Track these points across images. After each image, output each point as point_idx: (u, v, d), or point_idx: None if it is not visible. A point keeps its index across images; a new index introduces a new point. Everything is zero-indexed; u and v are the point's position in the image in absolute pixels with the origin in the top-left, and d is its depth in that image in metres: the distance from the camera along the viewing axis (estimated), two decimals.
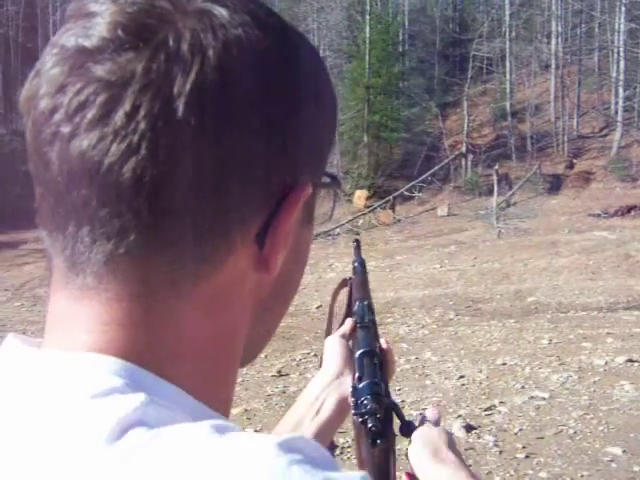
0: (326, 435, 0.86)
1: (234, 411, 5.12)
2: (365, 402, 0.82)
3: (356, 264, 1.10)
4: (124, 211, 0.39)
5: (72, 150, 0.39)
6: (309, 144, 0.46)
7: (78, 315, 0.41)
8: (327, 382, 0.90)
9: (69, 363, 0.40)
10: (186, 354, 0.42)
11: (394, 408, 0.85)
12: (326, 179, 0.51)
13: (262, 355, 6.54)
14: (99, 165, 0.38)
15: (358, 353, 0.91)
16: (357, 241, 1.17)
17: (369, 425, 0.79)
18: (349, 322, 0.98)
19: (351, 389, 0.85)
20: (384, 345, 0.96)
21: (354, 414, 0.81)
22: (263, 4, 0.45)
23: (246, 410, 5.10)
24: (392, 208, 19.49)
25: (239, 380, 5.74)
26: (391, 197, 19.76)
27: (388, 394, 0.87)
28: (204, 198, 0.40)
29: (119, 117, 0.38)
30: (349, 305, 1.04)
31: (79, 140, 0.38)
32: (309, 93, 0.46)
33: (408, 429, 0.85)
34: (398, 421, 0.85)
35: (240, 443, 0.36)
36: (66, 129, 0.39)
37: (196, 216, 0.40)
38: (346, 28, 28.54)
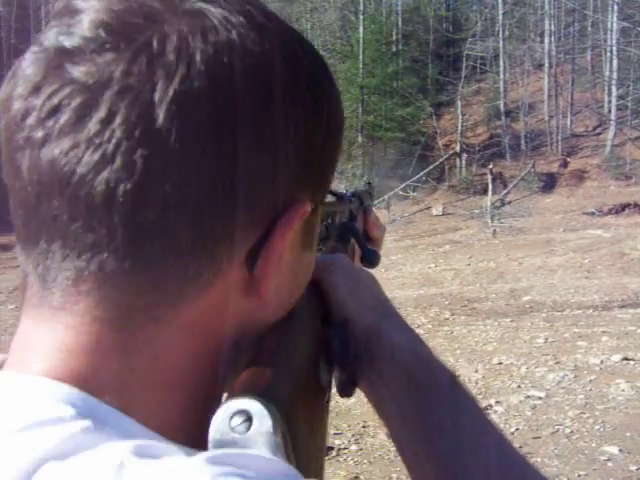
0: None
1: None
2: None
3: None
4: (96, 227, 0.35)
5: (43, 158, 0.35)
6: (307, 160, 0.42)
7: (40, 338, 0.37)
8: None
9: (14, 386, 0.36)
10: (160, 385, 0.39)
11: (353, 232, 0.70)
12: (330, 198, 0.47)
13: None
14: (70, 175, 0.35)
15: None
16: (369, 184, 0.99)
17: None
18: None
19: None
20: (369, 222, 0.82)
21: None
22: (262, 5, 0.42)
23: None
24: (387, 208, 19.48)
25: None
26: (386, 197, 19.75)
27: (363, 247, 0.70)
28: (185, 215, 0.36)
29: (93, 123, 0.35)
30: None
31: (50, 147, 0.35)
32: (309, 105, 0.42)
33: (371, 260, 0.71)
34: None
35: (162, 463, 0.32)
36: (38, 134, 0.35)
37: (177, 234, 0.36)
38: (340, 28, 28.53)
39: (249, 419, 0.36)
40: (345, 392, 0.54)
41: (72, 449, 0.32)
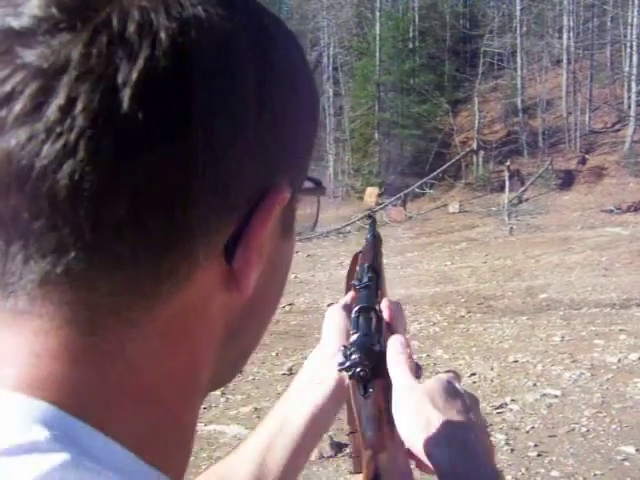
0: (324, 420, 0.76)
1: (244, 409, 5.12)
2: (353, 355, 0.70)
3: (368, 236, 1.02)
4: (61, 225, 0.32)
5: None
6: (284, 144, 0.40)
7: (7, 345, 0.35)
8: (325, 356, 0.77)
9: None
10: (136, 395, 0.36)
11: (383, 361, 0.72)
12: (309, 184, 0.45)
13: (273, 353, 6.55)
14: (30, 169, 0.32)
15: (354, 311, 0.81)
16: (371, 217, 1.10)
17: (357, 370, 0.69)
18: (351, 292, 0.88)
19: (342, 348, 0.72)
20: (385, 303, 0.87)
21: (339, 369, 0.70)
22: None
23: (256, 409, 5.09)
24: (403, 205, 19.45)
25: (250, 378, 5.74)
26: (402, 194, 19.72)
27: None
28: (157, 208, 0.34)
29: (52, 111, 0.31)
30: (352, 277, 0.94)
31: (5, 138, 0.32)
32: (283, 84, 0.40)
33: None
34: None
35: None
36: None
37: (148, 229, 0.34)
38: (356, 25, 28.53)
39: None
40: None
41: None
